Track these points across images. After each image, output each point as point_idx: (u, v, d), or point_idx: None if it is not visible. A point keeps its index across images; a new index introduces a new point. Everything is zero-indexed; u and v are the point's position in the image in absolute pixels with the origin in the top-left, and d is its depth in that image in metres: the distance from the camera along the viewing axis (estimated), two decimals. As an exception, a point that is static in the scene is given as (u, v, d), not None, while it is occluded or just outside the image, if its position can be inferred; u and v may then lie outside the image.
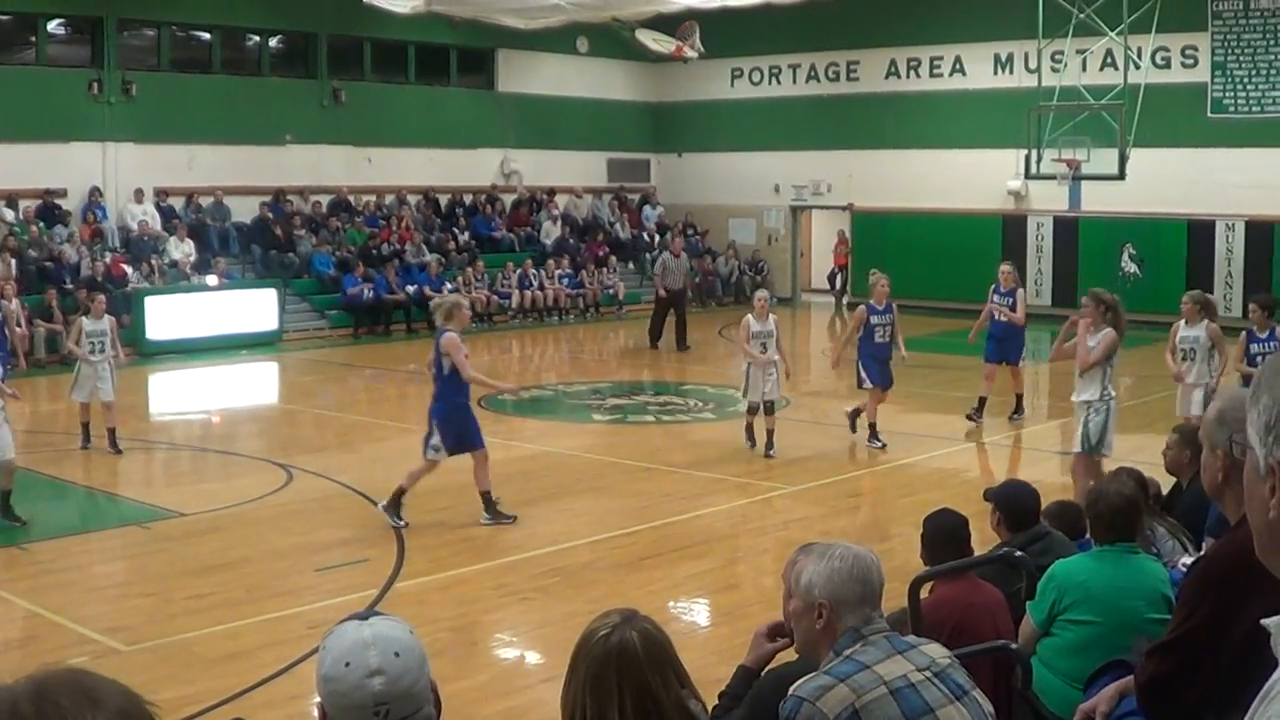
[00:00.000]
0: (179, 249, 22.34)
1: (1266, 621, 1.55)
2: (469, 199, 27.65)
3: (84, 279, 20.35)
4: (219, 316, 21.31)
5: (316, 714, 2.32)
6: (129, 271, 21.30)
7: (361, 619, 2.30)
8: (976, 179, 25.66)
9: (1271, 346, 10.89)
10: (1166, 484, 6.96)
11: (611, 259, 27.55)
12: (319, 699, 2.28)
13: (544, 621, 8.32)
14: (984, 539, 5.99)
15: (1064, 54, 22.39)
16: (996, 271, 15.02)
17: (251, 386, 19.89)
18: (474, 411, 10.80)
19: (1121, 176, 21.61)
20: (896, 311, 13.67)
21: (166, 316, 20.77)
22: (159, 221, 22.89)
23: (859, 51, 27.78)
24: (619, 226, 29.35)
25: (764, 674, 3.69)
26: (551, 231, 27.82)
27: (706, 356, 20.91)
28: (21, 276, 19.85)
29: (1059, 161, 22.23)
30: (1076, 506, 6.33)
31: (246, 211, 24.13)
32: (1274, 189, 22.41)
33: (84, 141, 22.34)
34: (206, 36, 24.75)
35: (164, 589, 8.83)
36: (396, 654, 2.23)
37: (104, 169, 22.58)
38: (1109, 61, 23.02)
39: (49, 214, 21.72)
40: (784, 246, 29.77)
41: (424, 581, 9.07)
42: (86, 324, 13.17)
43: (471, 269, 24.90)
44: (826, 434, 14.43)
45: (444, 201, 27.23)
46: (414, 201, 26.56)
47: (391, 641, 2.25)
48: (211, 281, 21.89)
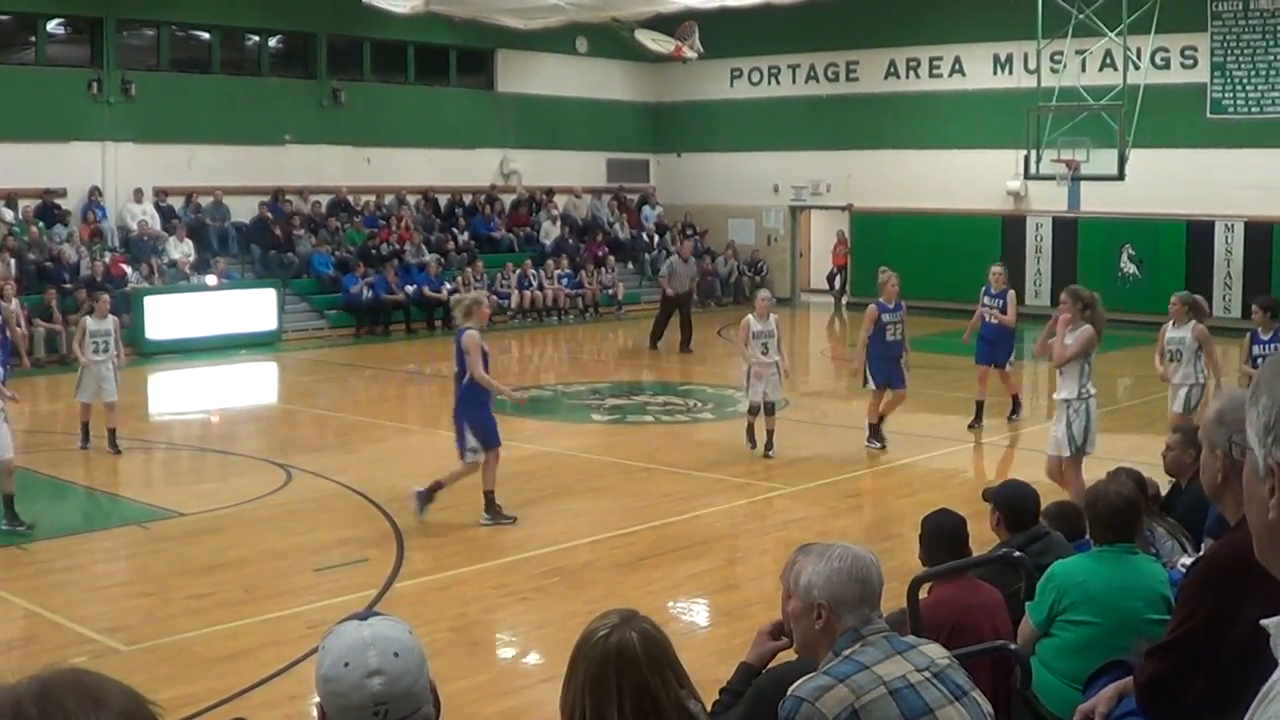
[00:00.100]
0: (178, 249, 22.35)
1: (1266, 622, 1.55)
2: (468, 199, 27.64)
3: (83, 279, 20.36)
4: (218, 316, 21.30)
5: (315, 714, 2.31)
6: (128, 271, 21.29)
7: (361, 619, 2.30)
8: (976, 179, 25.66)
9: (1274, 348, 10.86)
10: (1165, 484, 6.97)
11: (610, 259, 27.56)
12: (318, 699, 2.28)
13: (543, 621, 8.32)
14: (983, 540, 5.99)
15: (1063, 54, 22.39)
16: (987, 272, 14.94)
17: (251, 386, 19.88)
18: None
19: (1121, 177, 21.60)
20: (905, 310, 13.59)
21: (166, 316, 20.76)
22: (158, 221, 22.88)
23: (858, 52, 27.77)
24: (618, 227, 29.35)
25: (763, 673, 3.69)
26: (551, 232, 27.82)
27: (706, 357, 20.90)
28: (21, 276, 19.85)
29: (1058, 162, 22.22)
30: (1076, 507, 6.33)
31: (246, 211, 24.14)
32: (1273, 190, 22.41)
33: (83, 141, 22.34)
34: (206, 36, 24.75)
35: (163, 589, 8.84)
36: (396, 654, 2.23)
37: (103, 169, 22.58)
38: (1108, 62, 23.01)
39: (48, 214, 21.73)
40: (783, 247, 29.76)
41: (423, 581, 9.07)
42: (91, 324, 13.15)
43: (471, 269, 24.87)
44: (826, 434, 14.42)
45: (443, 201, 27.22)
46: (413, 201, 26.56)
47: (391, 641, 2.24)
48: (211, 281, 21.89)
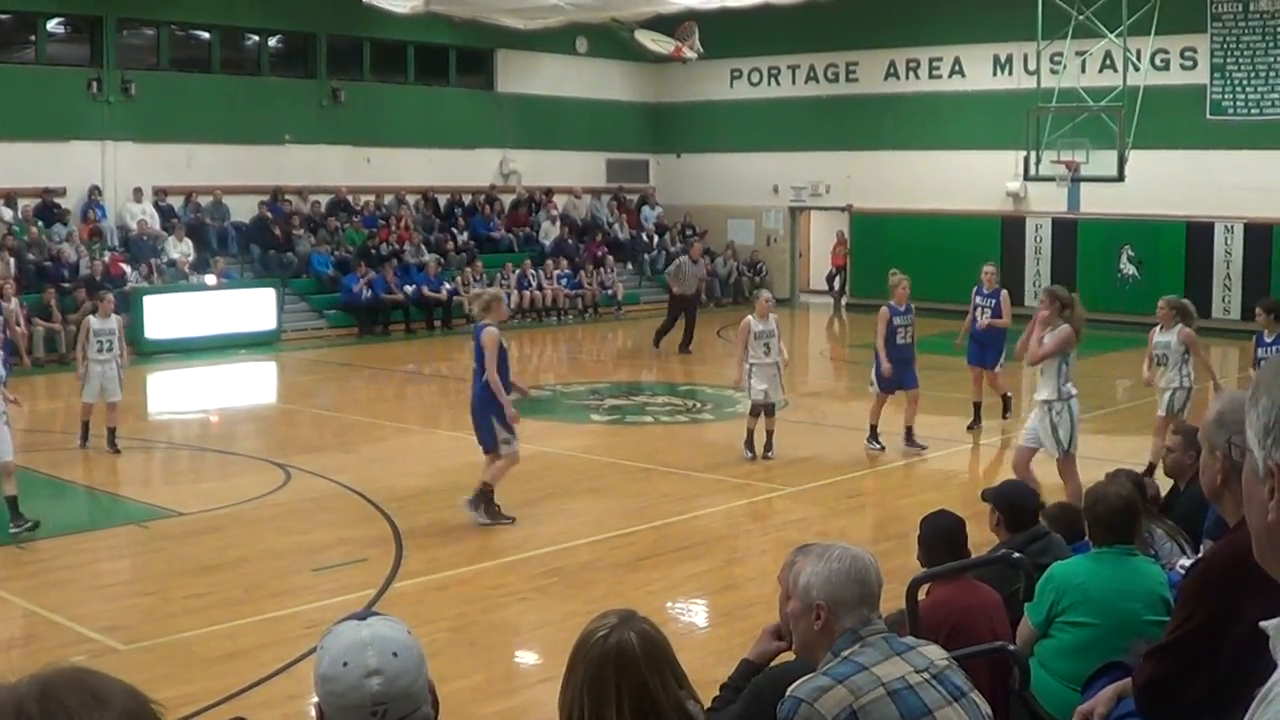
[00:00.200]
0: (177, 248, 22.34)
1: (1265, 624, 1.55)
2: (468, 199, 27.63)
3: (83, 278, 20.36)
4: (217, 316, 21.29)
5: (314, 714, 2.31)
6: (128, 271, 21.27)
7: (359, 619, 2.30)
8: (975, 180, 25.66)
9: (1278, 351, 10.85)
10: (1164, 486, 6.97)
11: (610, 259, 27.55)
12: (317, 699, 2.28)
13: (542, 622, 8.31)
14: (983, 540, 5.99)
15: (1063, 55, 22.39)
16: (980, 272, 14.84)
17: (250, 386, 19.87)
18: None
19: (1120, 178, 21.60)
20: (914, 312, 13.52)
21: (165, 316, 20.75)
22: (158, 221, 22.87)
23: (858, 52, 27.77)
24: (618, 227, 29.35)
25: (761, 673, 3.69)
26: (550, 232, 27.81)
27: (705, 357, 20.89)
28: (20, 275, 19.85)
29: (1058, 163, 22.23)
30: (1075, 508, 6.32)
31: (245, 211, 24.13)
32: (1273, 191, 22.40)
33: (83, 140, 22.33)
34: (206, 36, 24.74)
35: (162, 588, 8.83)
36: (394, 654, 2.23)
37: (103, 168, 22.57)
38: (1108, 63, 23.02)
39: (48, 213, 21.71)
40: (783, 247, 29.76)
41: (422, 581, 9.06)
42: (95, 323, 13.12)
43: (470, 269, 24.87)
44: (825, 435, 14.42)
45: (443, 201, 27.21)
46: (413, 201, 26.55)
47: (389, 641, 2.24)
48: (210, 281, 21.88)
